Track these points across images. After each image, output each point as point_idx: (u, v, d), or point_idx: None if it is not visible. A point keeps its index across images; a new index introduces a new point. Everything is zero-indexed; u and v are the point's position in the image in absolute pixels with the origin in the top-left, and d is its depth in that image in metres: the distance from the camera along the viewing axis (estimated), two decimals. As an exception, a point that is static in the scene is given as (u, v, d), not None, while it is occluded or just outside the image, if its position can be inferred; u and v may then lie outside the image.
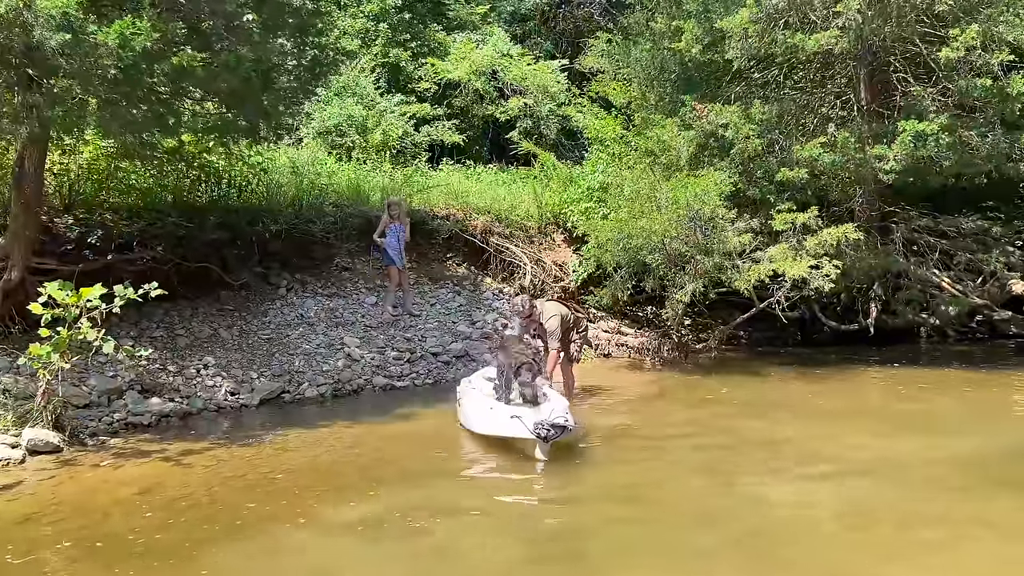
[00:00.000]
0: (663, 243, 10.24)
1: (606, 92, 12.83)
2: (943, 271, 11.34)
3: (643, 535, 5.01)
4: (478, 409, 7.18)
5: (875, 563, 4.50)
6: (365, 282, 11.37)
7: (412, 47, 18.29)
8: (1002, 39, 9.29)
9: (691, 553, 4.71)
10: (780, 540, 4.87)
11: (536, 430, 6.13)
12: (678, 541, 4.91)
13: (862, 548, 4.75)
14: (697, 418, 8.13)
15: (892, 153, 9.57)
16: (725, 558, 4.62)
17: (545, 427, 6.14)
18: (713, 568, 4.52)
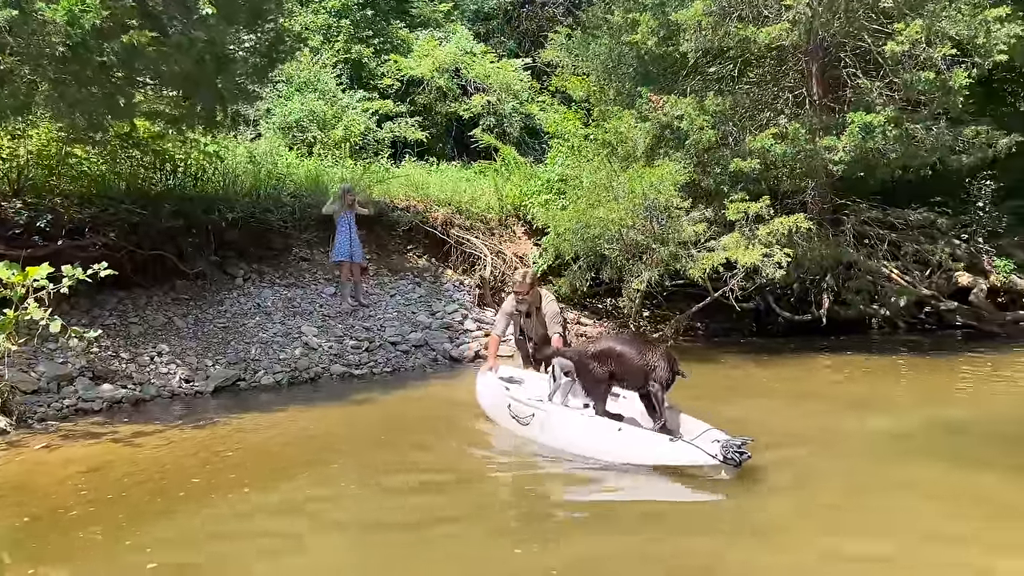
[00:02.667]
0: (620, 233, 10.40)
1: (565, 86, 12.97)
2: (892, 262, 11.61)
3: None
4: (592, 431, 5.90)
5: (817, 524, 4.65)
6: (324, 272, 11.35)
7: (375, 44, 18.29)
8: (944, 34, 9.57)
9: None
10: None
11: (726, 453, 5.11)
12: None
13: (803, 509, 4.90)
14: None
15: (841, 144, 9.82)
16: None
17: (735, 449, 5.12)
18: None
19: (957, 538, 4.37)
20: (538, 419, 6.24)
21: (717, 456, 5.11)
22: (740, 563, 4.14)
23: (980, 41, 9.59)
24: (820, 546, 4.33)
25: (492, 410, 7.02)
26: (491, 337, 7.66)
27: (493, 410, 7.00)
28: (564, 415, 6.23)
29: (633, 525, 4.72)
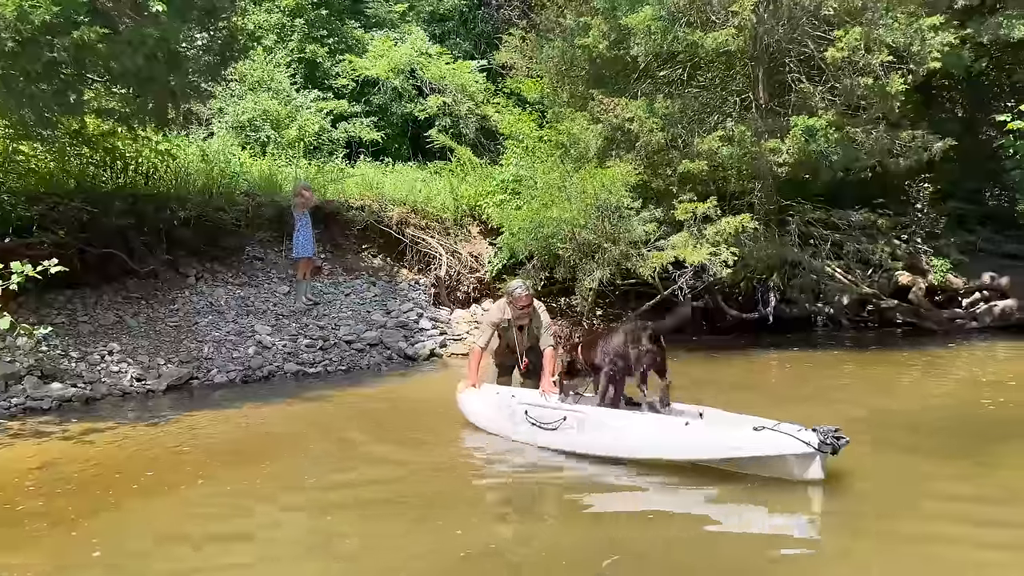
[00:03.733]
0: (573, 232, 10.59)
1: (520, 88, 13.12)
2: (835, 262, 12.00)
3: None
4: (652, 428, 5.58)
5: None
6: (278, 272, 11.33)
7: (329, 43, 18.23)
8: (882, 41, 9.96)
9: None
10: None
11: (823, 439, 4.78)
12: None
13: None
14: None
15: (785, 147, 10.14)
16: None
17: (831, 434, 4.80)
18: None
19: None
20: (573, 422, 5.79)
21: (811, 443, 4.77)
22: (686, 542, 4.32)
23: (915, 49, 10.00)
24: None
25: (493, 422, 6.53)
26: (473, 350, 7.06)
27: (495, 421, 6.51)
28: (611, 414, 5.84)
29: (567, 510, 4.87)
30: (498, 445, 6.30)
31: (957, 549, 4.08)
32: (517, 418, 6.19)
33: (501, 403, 6.53)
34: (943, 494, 4.90)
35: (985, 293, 12.72)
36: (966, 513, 4.58)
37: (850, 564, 3.97)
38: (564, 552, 4.20)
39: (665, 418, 5.63)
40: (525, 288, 6.80)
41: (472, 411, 6.81)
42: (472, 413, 6.80)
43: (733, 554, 4.17)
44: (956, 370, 9.80)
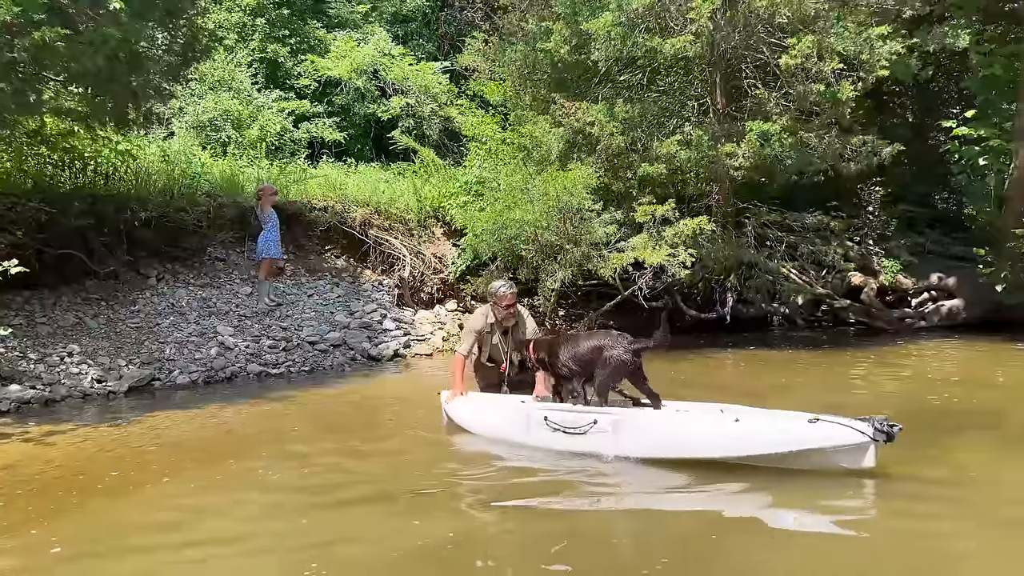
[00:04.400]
0: (535, 234, 10.75)
1: (483, 91, 13.24)
2: (790, 263, 12.32)
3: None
4: (699, 426, 5.50)
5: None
6: (240, 273, 11.31)
7: (291, 43, 18.16)
8: (833, 49, 10.27)
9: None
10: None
11: (878, 427, 4.81)
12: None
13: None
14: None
15: (741, 151, 10.41)
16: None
17: (885, 423, 4.83)
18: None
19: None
20: (605, 425, 5.59)
21: (867, 432, 4.80)
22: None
23: (865, 57, 10.34)
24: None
25: (499, 428, 6.30)
26: (456, 358, 6.77)
27: (502, 428, 6.29)
28: (652, 415, 5.68)
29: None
30: (466, 443, 6.42)
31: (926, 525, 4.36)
32: (533, 424, 5.96)
33: (509, 409, 6.32)
34: (899, 478, 5.12)
35: (933, 293, 13.16)
36: (925, 494, 4.84)
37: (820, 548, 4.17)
38: (517, 539, 4.36)
39: (712, 415, 5.57)
40: (509, 287, 6.62)
41: (469, 419, 6.55)
42: (469, 421, 6.54)
43: (675, 530, 4.36)
44: (906, 368, 10.13)
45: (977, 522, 4.51)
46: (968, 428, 6.64)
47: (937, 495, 4.86)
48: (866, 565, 3.94)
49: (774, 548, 4.20)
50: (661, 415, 5.68)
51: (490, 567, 4.01)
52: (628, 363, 5.68)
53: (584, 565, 4.00)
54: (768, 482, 4.97)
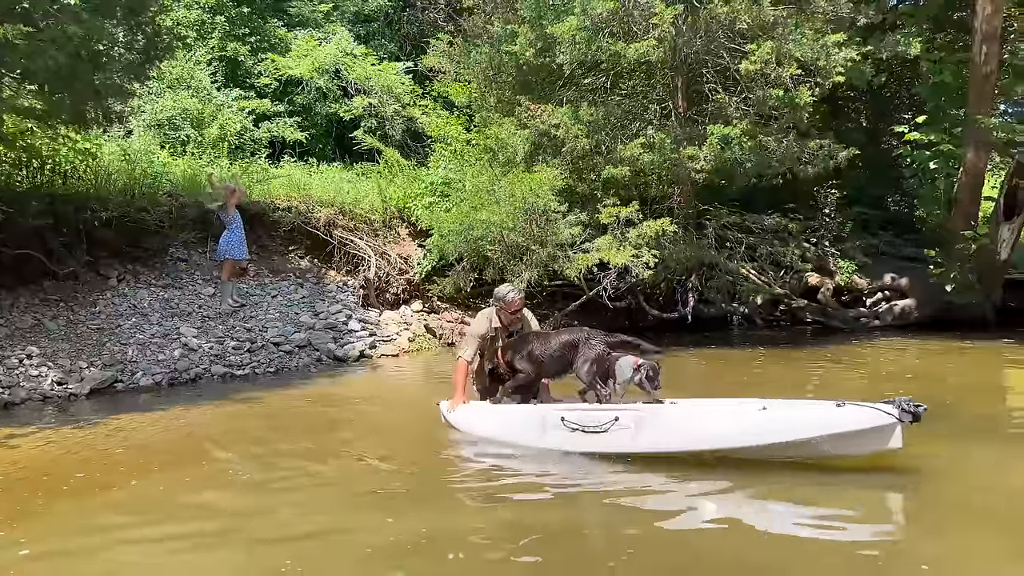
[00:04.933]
0: (502, 235, 10.84)
1: (447, 92, 13.29)
2: (749, 263, 12.61)
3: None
4: (727, 418, 5.46)
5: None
6: (202, 273, 11.19)
7: (251, 42, 17.98)
8: (791, 55, 10.56)
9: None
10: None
11: (904, 408, 4.88)
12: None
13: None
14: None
15: (702, 154, 10.64)
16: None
17: (911, 403, 4.90)
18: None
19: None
20: (628, 421, 5.52)
21: (892, 413, 4.88)
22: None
23: (821, 63, 10.64)
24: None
25: (509, 432, 6.12)
26: (459, 363, 6.49)
27: (512, 431, 6.11)
28: (675, 409, 5.65)
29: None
30: (435, 441, 6.46)
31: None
32: (549, 425, 5.84)
33: (520, 413, 6.20)
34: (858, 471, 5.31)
35: (887, 293, 13.57)
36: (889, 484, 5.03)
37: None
38: (488, 533, 4.45)
39: (737, 405, 5.57)
40: (517, 292, 6.44)
41: (475, 426, 6.36)
42: (476, 428, 6.35)
43: (644, 525, 4.48)
44: (860, 366, 10.42)
45: (942, 511, 4.70)
46: (924, 422, 6.87)
47: (902, 485, 5.06)
48: (830, 560, 4.08)
49: (750, 545, 4.31)
50: (685, 408, 5.68)
51: (460, 559, 4.07)
52: (605, 357, 5.77)
53: (552, 556, 4.10)
54: (746, 479, 5.08)
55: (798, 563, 3.97)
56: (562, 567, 4.02)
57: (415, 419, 7.48)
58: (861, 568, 3.91)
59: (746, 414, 5.35)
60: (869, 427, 4.94)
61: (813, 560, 3.99)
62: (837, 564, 3.95)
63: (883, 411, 4.89)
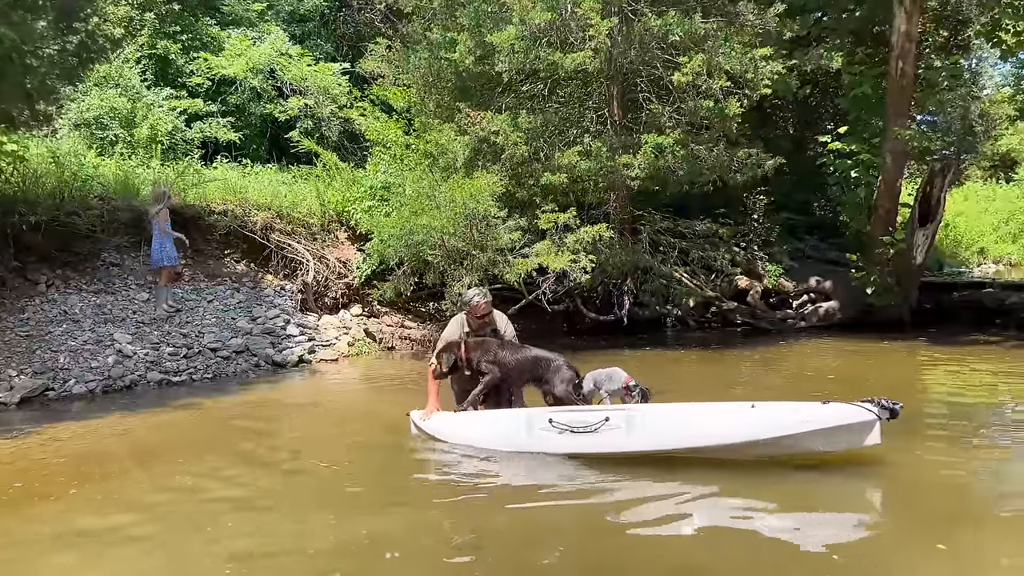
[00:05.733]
0: (442, 239, 10.94)
1: (386, 96, 13.30)
2: (682, 267, 13.01)
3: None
4: (718, 417, 5.66)
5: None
6: (136, 278, 11.00)
7: (183, 40, 17.63)
8: (721, 68, 10.96)
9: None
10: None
11: (883, 405, 5.14)
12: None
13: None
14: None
15: (637, 162, 10.95)
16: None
17: (889, 401, 5.19)
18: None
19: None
20: (619, 421, 5.60)
21: (873, 411, 5.13)
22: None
23: (749, 76, 11.07)
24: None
25: (492, 437, 6.05)
26: (431, 370, 6.47)
27: (495, 436, 6.04)
28: (666, 408, 5.84)
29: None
30: (375, 445, 6.55)
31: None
32: (536, 427, 5.85)
33: (502, 417, 6.16)
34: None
35: (812, 296, 14.14)
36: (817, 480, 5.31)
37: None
38: (425, 533, 4.59)
39: (727, 404, 5.78)
40: (482, 295, 6.37)
41: (454, 432, 6.27)
42: (454, 435, 6.26)
43: (580, 523, 4.68)
44: (786, 366, 10.87)
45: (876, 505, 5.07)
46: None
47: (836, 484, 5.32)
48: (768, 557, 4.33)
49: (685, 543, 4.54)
50: (676, 407, 5.85)
51: (396, 558, 4.19)
52: (577, 375, 6.12)
53: (485, 555, 4.26)
54: (696, 478, 5.28)
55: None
56: (493, 566, 4.15)
57: (354, 424, 7.55)
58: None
59: (737, 413, 5.57)
60: (854, 423, 5.20)
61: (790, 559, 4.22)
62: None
63: (865, 408, 5.17)
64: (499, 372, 6.16)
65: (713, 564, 4.10)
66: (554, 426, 5.75)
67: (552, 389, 6.08)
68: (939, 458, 5.76)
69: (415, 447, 6.37)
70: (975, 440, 6.32)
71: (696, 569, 4.07)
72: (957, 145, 14.34)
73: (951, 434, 6.46)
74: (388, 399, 8.90)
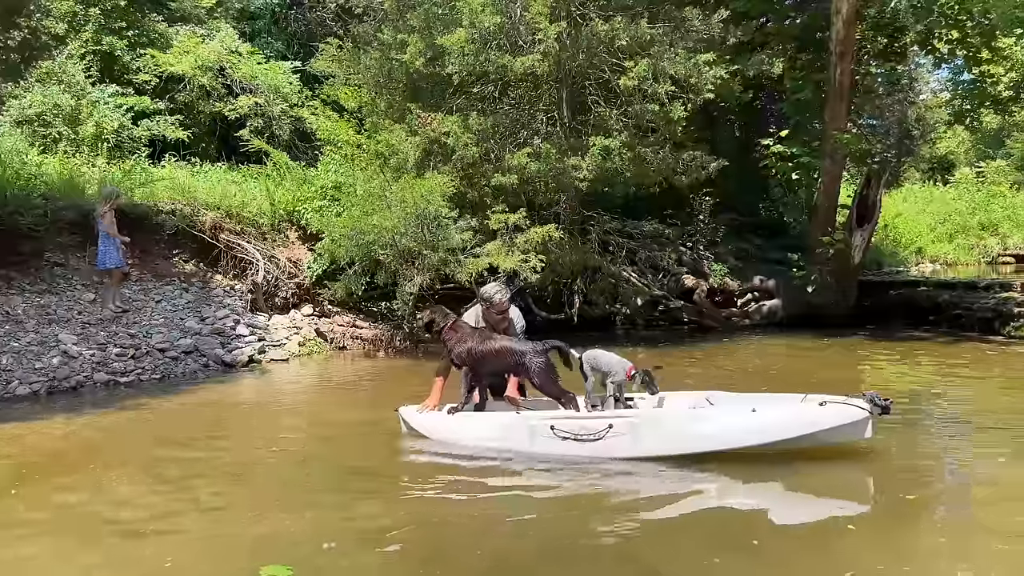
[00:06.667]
0: (394, 239, 11.01)
1: (338, 96, 13.31)
2: (630, 267, 13.28)
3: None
4: (721, 420, 5.74)
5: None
6: (81, 278, 10.85)
7: (129, 36, 17.36)
8: (666, 73, 11.23)
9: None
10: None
11: (875, 402, 5.43)
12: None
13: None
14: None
15: (585, 164, 11.17)
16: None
17: (880, 398, 5.47)
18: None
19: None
20: (623, 428, 5.64)
21: (866, 408, 5.41)
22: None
23: (693, 81, 11.36)
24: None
25: (495, 441, 5.99)
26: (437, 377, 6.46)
27: (495, 440, 6.00)
28: (669, 412, 5.92)
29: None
30: (317, 443, 6.64)
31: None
32: (538, 434, 5.82)
33: (504, 420, 6.06)
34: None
35: (756, 294, 14.55)
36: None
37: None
38: (360, 524, 4.72)
39: (730, 407, 5.88)
40: (503, 293, 6.36)
41: (448, 433, 6.20)
42: (451, 435, 6.18)
43: (510, 516, 4.83)
44: (730, 363, 11.17)
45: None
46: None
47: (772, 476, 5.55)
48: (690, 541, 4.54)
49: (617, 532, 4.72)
50: (678, 412, 5.94)
51: (334, 549, 4.32)
52: (548, 362, 5.99)
53: (412, 547, 4.39)
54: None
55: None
56: (423, 556, 4.27)
57: (304, 422, 7.61)
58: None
59: (740, 416, 5.68)
60: (850, 421, 5.47)
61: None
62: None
63: (858, 406, 5.46)
64: (469, 362, 6.12)
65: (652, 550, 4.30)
66: (556, 433, 5.76)
67: (531, 381, 6.05)
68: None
69: (361, 443, 6.46)
70: (920, 426, 6.69)
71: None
72: (895, 148, 14.88)
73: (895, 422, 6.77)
74: (337, 399, 8.96)
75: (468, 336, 6.16)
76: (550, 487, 5.37)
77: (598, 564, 4.18)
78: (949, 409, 7.75)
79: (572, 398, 6.01)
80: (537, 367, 5.96)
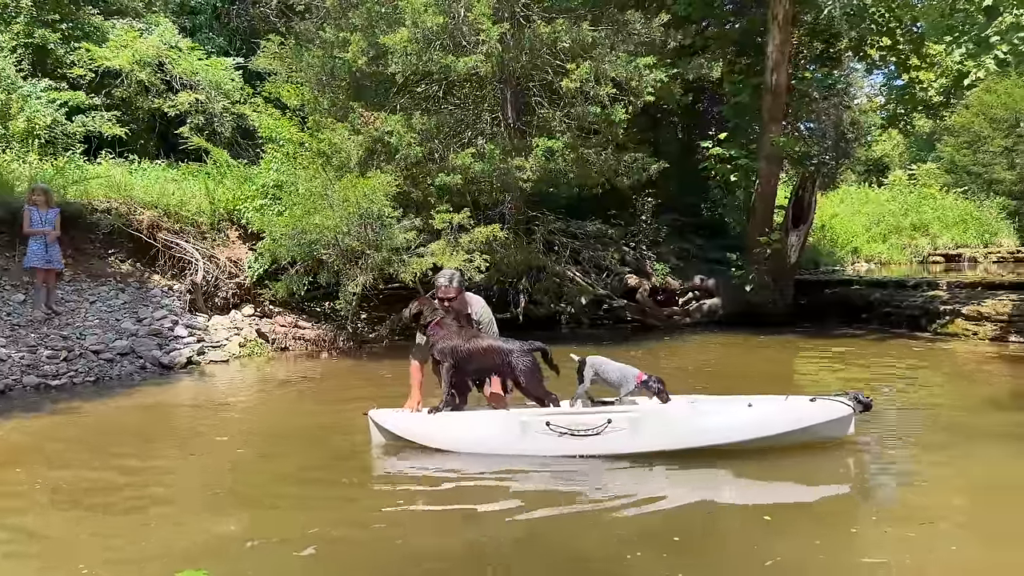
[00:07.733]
0: (336, 239, 10.94)
1: (279, 94, 13.15)
2: (574, 266, 13.43)
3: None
4: (718, 416, 5.83)
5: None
6: (10, 279, 10.52)
7: (63, 29, 16.86)
8: (607, 75, 11.38)
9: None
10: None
11: (858, 399, 5.69)
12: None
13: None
14: (375, 395, 8.87)
15: (529, 164, 11.26)
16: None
17: (861, 395, 5.73)
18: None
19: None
20: (622, 423, 5.62)
21: (850, 405, 5.66)
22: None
23: (634, 84, 11.53)
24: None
25: (485, 441, 5.85)
26: (413, 365, 6.23)
27: (489, 440, 5.84)
28: (668, 408, 5.89)
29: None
30: (251, 446, 6.57)
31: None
32: (532, 430, 5.72)
33: (494, 419, 5.94)
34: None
35: (696, 293, 14.85)
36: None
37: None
38: (280, 530, 4.66)
39: (727, 403, 6.01)
40: (447, 279, 6.06)
41: (428, 435, 5.99)
42: (430, 437, 5.98)
43: (439, 515, 4.87)
44: (671, 360, 11.37)
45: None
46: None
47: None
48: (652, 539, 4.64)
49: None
50: (677, 407, 5.92)
51: (255, 547, 4.35)
52: (534, 363, 5.89)
53: (328, 549, 4.37)
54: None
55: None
56: (339, 558, 4.29)
57: (242, 424, 7.52)
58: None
59: (736, 412, 5.80)
60: (837, 417, 5.70)
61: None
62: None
63: (843, 403, 5.71)
64: (452, 359, 5.91)
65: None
66: (552, 429, 5.67)
67: (517, 380, 5.93)
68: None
69: (302, 446, 6.42)
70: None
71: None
72: (832, 151, 15.34)
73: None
74: (277, 400, 8.87)
75: (454, 333, 5.94)
76: (504, 487, 5.37)
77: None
78: (878, 403, 8.02)
79: (556, 400, 5.96)
80: (524, 367, 5.85)
